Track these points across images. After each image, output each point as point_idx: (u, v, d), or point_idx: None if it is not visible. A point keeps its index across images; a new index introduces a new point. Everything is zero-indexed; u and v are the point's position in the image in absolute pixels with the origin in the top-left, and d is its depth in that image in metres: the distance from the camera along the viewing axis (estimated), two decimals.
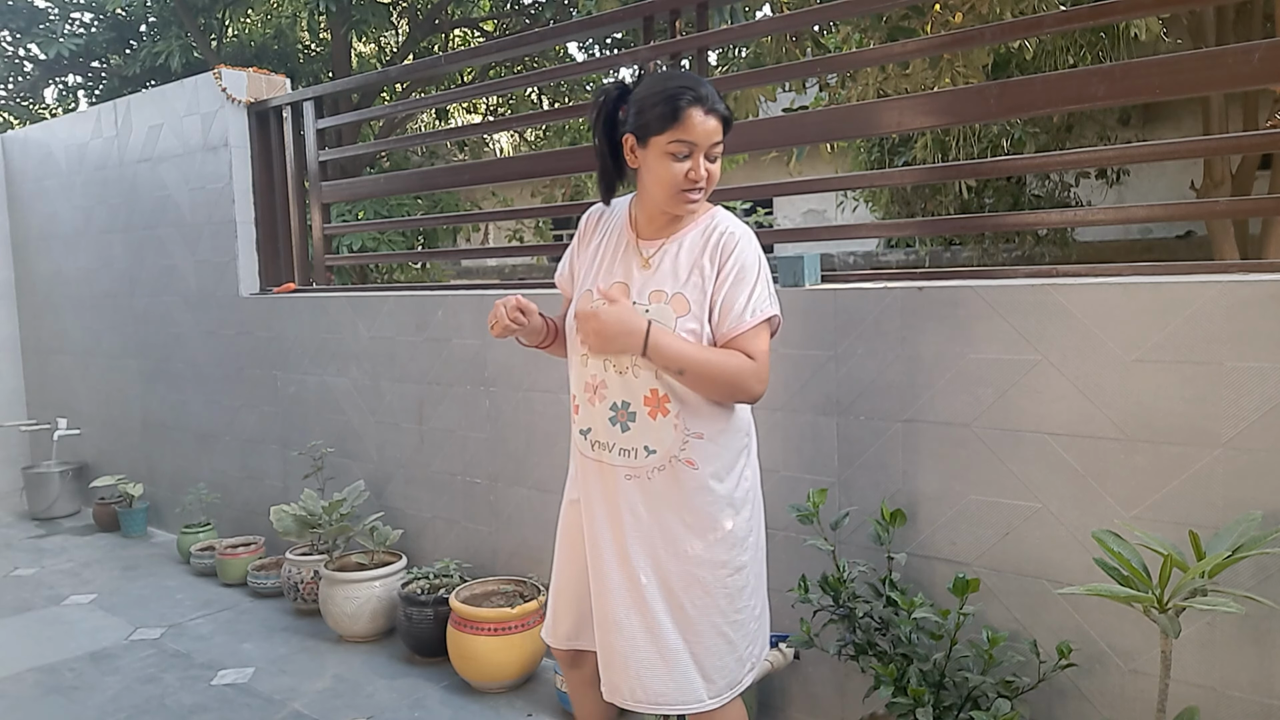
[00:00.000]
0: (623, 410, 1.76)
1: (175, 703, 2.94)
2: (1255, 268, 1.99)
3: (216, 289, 4.50)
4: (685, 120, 1.66)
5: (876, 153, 9.06)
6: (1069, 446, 2.07)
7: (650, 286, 1.76)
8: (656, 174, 1.72)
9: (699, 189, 1.72)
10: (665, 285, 1.75)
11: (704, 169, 1.70)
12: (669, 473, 1.76)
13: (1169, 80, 2.12)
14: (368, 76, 4.39)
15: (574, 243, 1.96)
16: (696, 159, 1.69)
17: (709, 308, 1.75)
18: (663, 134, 1.68)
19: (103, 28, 8.88)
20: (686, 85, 1.69)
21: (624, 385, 1.76)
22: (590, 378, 1.80)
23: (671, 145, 1.68)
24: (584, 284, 1.86)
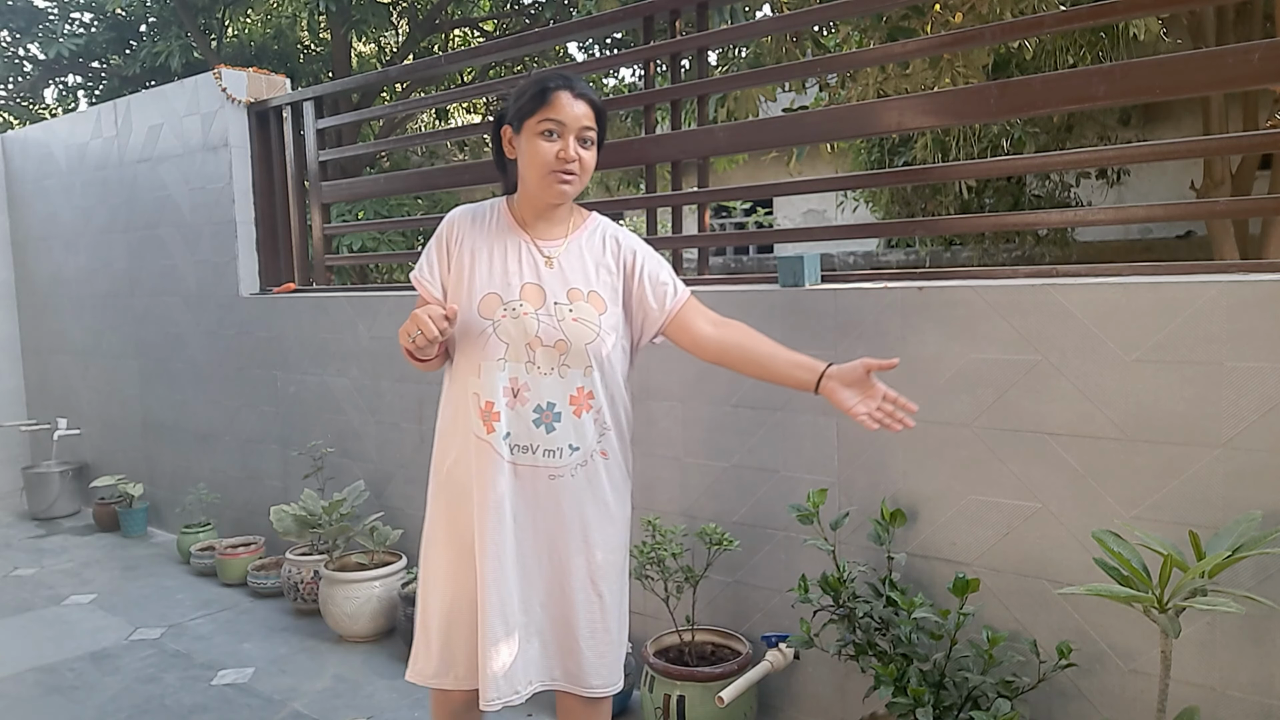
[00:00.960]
0: (548, 411, 1.77)
1: (175, 703, 2.94)
2: (1255, 268, 1.99)
3: (216, 289, 4.50)
4: (553, 101, 1.72)
5: (876, 153, 9.06)
6: (1069, 446, 2.07)
7: (565, 285, 1.79)
8: (529, 155, 1.76)
9: (571, 172, 1.75)
10: (579, 284, 1.80)
11: (575, 151, 1.74)
12: (589, 467, 1.81)
13: (1169, 80, 2.12)
14: (368, 76, 4.38)
15: (439, 247, 1.85)
16: (566, 140, 1.73)
17: (633, 303, 1.86)
18: (533, 116, 1.74)
19: (103, 28, 8.88)
20: (556, 73, 1.79)
21: (551, 386, 1.77)
22: (510, 381, 1.77)
23: (541, 125, 1.73)
24: (480, 286, 1.79)
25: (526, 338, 1.75)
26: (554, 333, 1.76)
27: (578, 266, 1.82)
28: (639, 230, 2.42)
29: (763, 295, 2.59)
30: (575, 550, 1.82)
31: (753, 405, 2.61)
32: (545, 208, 1.83)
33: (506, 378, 1.76)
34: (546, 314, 1.76)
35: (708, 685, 2.43)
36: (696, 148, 2.97)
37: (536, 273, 1.80)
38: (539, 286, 1.78)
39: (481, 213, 1.88)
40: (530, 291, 1.78)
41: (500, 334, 1.76)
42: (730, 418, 2.67)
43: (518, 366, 1.76)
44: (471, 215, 1.87)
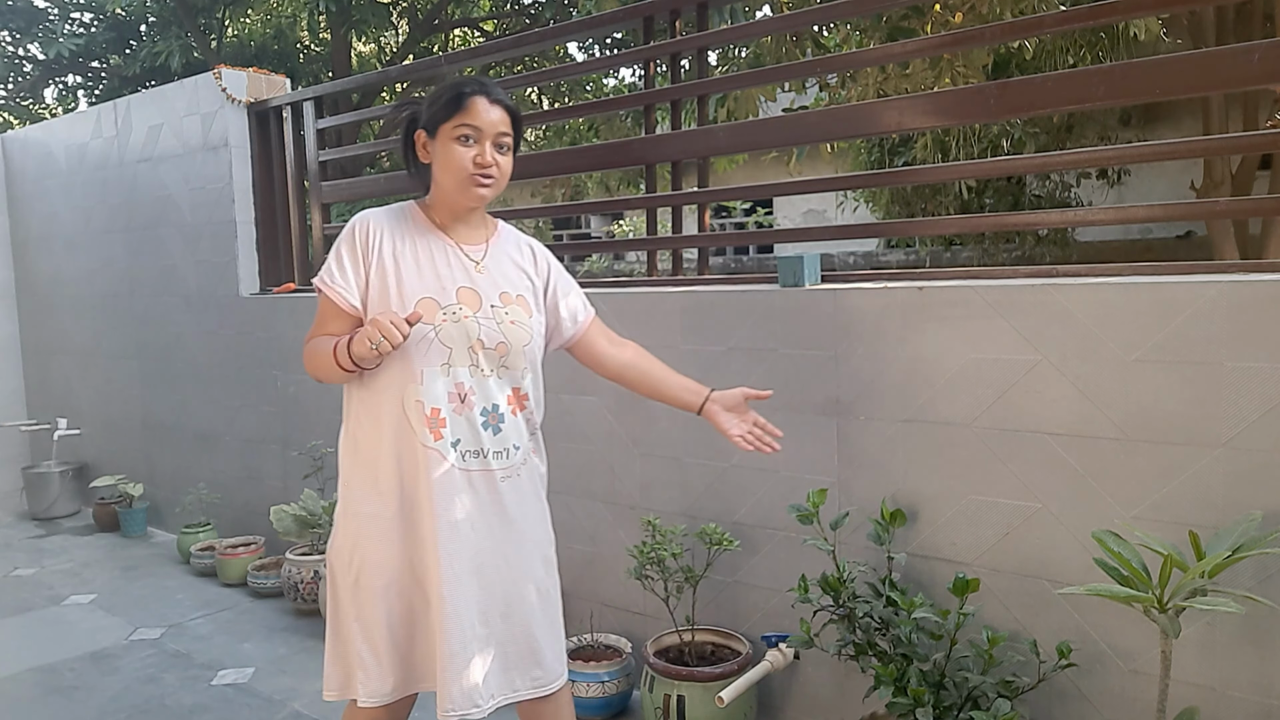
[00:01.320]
0: (493, 413, 1.78)
1: (175, 703, 2.94)
2: (1255, 268, 1.99)
3: (216, 289, 4.50)
4: (470, 106, 1.72)
5: (876, 153, 9.06)
6: (1069, 446, 2.07)
7: (496, 289, 1.80)
8: (445, 160, 1.75)
9: (488, 177, 1.75)
10: (507, 287, 1.82)
11: (491, 156, 1.74)
12: (528, 466, 1.85)
13: (1169, 80, 2.12)
14: (368, 76, 4.39)
15: (352, 253, 1.76)
16: (483, 145, 1.74)
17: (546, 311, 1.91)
18: (449, 121, 1.73)
19: (103, 28, 8.88)
20: (472, 79, 1.77)
21: (495, 388, 1.77)
22: (455, 386, 1.74)
23: (458, 130, 1.72)
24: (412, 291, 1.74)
25: (469, 341, 1.74)
26: (495, 335, 1.76)
27: (502, 271, 1.84)
28: (639, 230, 2.42)
29: (763, 295, 2.59)
30: (529, 551, 1.84)
31: (752, 405, 2.61)
32: (463, 212, 1.82)
33: (452, 383, 1.74)
34: (485, 317, 1.76)
35: (708, 685, 2.43)
36: (696, 148, 2.97)
37: (469, 276, 1.79)
38: (474, 290, 1.78)
39: (395, 216, 1.82)
40: (466, 295, 1.77)
41: (443, 338, 1.73)
42: None
43: (462, 371, 1.74)
44: (385, 219, 1.81)
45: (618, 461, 2.95)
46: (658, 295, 2.84)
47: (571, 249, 8.58)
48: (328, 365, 1.72)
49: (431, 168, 1.80)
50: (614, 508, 2.98)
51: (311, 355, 1.77)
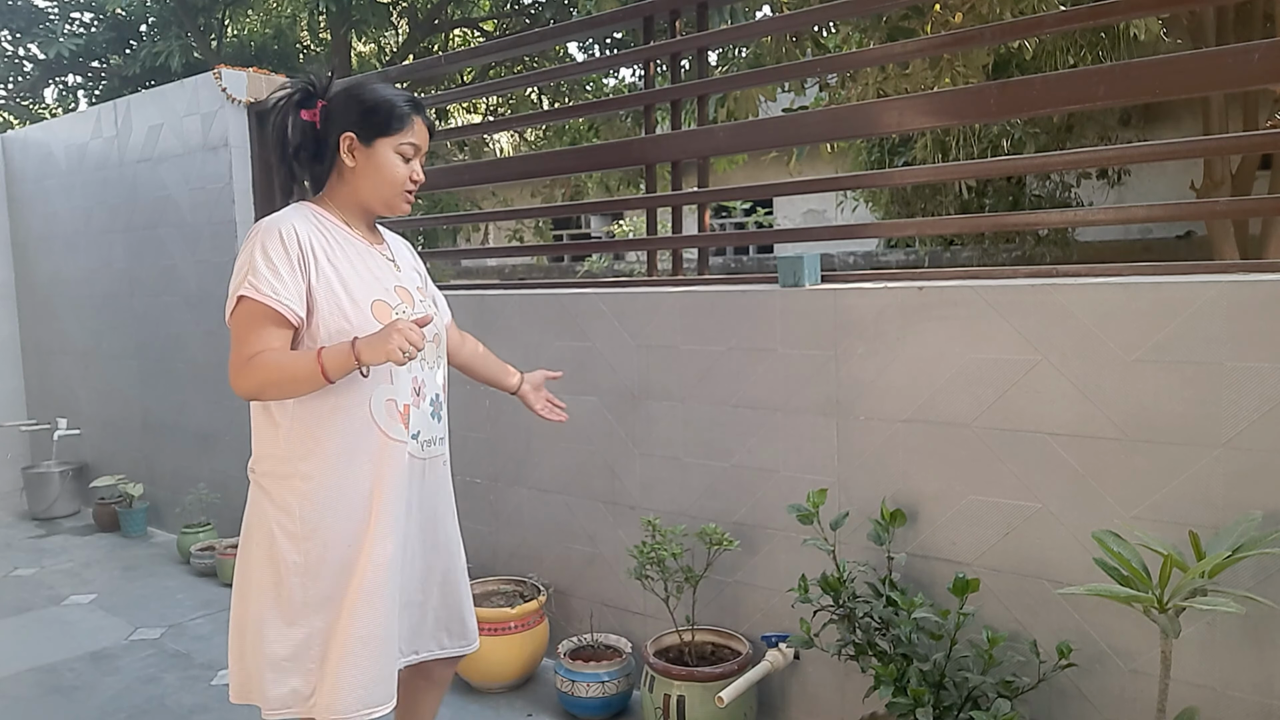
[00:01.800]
0: (437, 402, 1.91)
1: (175, 703, 2.94)
2: (1255, 268, 1.99)
3: (216, 289, 4.49)
4: (413, 125, 1.80)
5: (876, 153, 9.06)
6: (1069, 446, 2.07)
7: (414, 285, 1.91)
8: (380, 172, 1.79)
9: (413, 192, 1.86)
10: (420, 283, 1.97)
11: (420, 172, 1.85)
12: (445, 454, 1.97)
13: (1169, 80, 2.12)
14: (367, 76, 4.38)
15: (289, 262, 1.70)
16: (416, 164, 1.84)
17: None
18: (392, 135, 1.78)
19: (103, 28, 8.89)
20: (409, 97, 1.83)
21: (437, 378, 1.92)
22: (414, 379, 1.82)
23: (402, 146, 1.79)
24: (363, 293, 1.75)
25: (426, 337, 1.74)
26: (433, 329, 1.86)
27: (409, 268, 1.95)
28: (638, 230, 2.43)
29: (763, 295, 2.59)
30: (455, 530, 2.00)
31: (753, 405, 2.62)
32: (372, 217, 1.88)
33: (411, 378, 1.81)
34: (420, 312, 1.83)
35: (708, 685, 2.43)
36: (696, 148, 2.97)
37: (395, 275, 1.86)
38: (405, 288, 1.86)
39: (310, 220, 1.78)
40: (402, 293, 1.84)
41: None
42: (730, 418, 2.67)
43: (417, 365, 1.83)
44: (304, 224, 1.76)
45: (618, 461, 2.95)
46: (658, 295, 2.84)
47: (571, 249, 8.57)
48: (305, 379, 1.65)
49: (345, 171, 1.80)
50: (614, 508, 2.98)
51: (271, 372, 1.65)
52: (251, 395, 1.71)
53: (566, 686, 2.72)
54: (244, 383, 1.68)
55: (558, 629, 3.11)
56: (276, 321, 1.68)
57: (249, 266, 1.69)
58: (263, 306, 1.67)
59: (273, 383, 1.67)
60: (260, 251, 1.69)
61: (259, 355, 1.66)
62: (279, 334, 1.69)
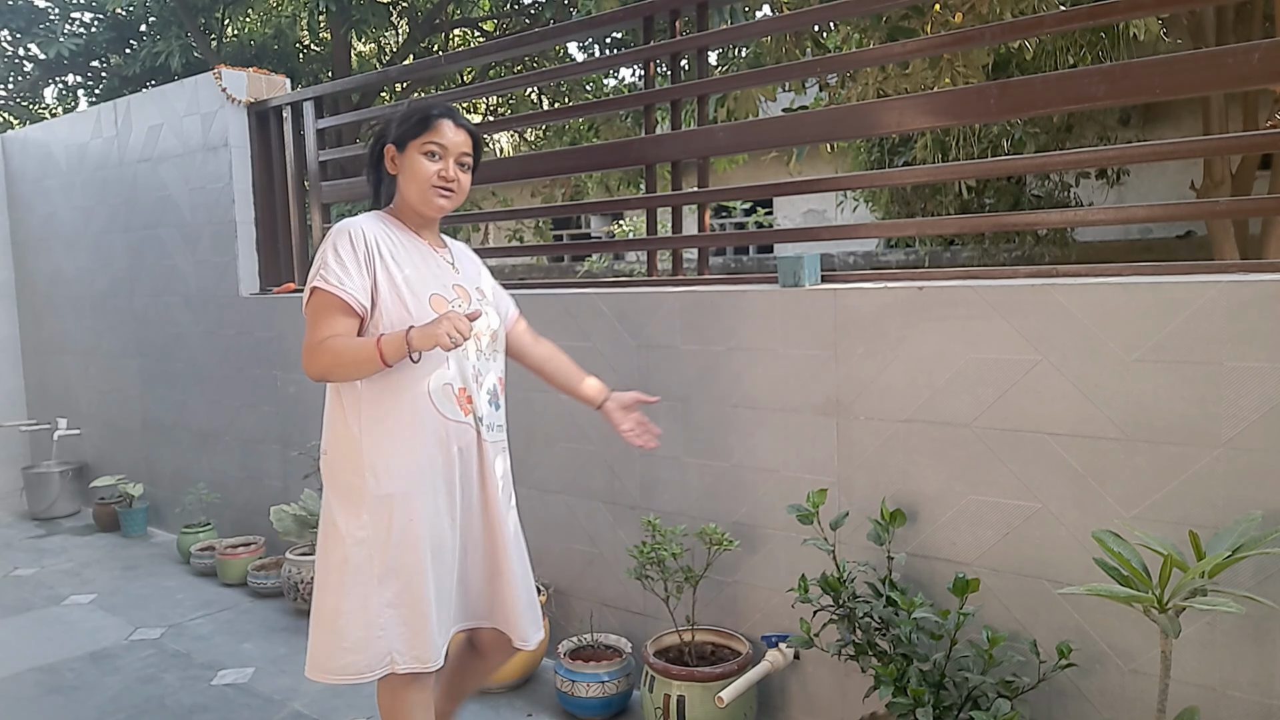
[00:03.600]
0: (494, 393, 2.04)
1: (175, 703, 2.94)
2: (1255, 268, 1.99)
3: (216, 289, 4.50)
4: (437, 127, 1.95)
5: (876, 153, 9.06)
6: (1069, 446, 2.07)
7: (473, 284, 2.07)
8: (412, 171, 1.96)
9: (449, 190, 1.98)
10: (479, 284, 2.10)
11: (454, 172, 1.97)
12: (503, 443, 2.08)
13: (1169, 80, 2.12)
14: (368, 76, 4.38)
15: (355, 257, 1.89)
16: (447, 162, 1.96)
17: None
18: (418, 138, 1.96)
19: (103, 28, 8.88)
20: (438, 104, 2.00)
21: (493, 369, 2.04)
22: (473, 368, 1.98)
23: (426, 146, 1.95)
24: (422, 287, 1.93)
25: (478, 329, 1.98)
26: (486, 323, 2.02)
27: (468, 270, 2.09)
28: (639, 230, 2.43)
29: (763, 295, 2.59)
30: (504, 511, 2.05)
31: (753, 405, 2.62)
32: (427, 220, 2.04)
33: (470, 365, 1.97)
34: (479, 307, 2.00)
35: (708, 685, 2.43)
36: (696, 148, 2.97)
37: (453, 274, 2.03)
38: (462, 286, 2.02)
39: (377, 222, 1.98)
40: (459, 290, 2.00)
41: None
42: (730, 418, 2.67)
43: (474, 354, 1.98)
44: (371, 225, 1.96)
45: (618, 461, 2.95)
46: (658, 295, 2.84)
47: (571, 249, 8.57)
48: (364, 362, 1.83)
49: (397, 179, 2.01)
50: (614, 508, 2.98)
51: (337, 355, 1.83)
52: (320, 376, 1.88)
53: (566, 686, 2.72)
54: (314, 364, 1.86)
55: (558, 629, 3.11)
56: (344, 310, 1.87)
57: (322, 262, 1.89)
58: (332, 297, 1.86)
59: (338, 364, 1.85)
60: (332, 249, 1.89)
61: (327, 340, 1.84)
62: (346, 322, 1.88)
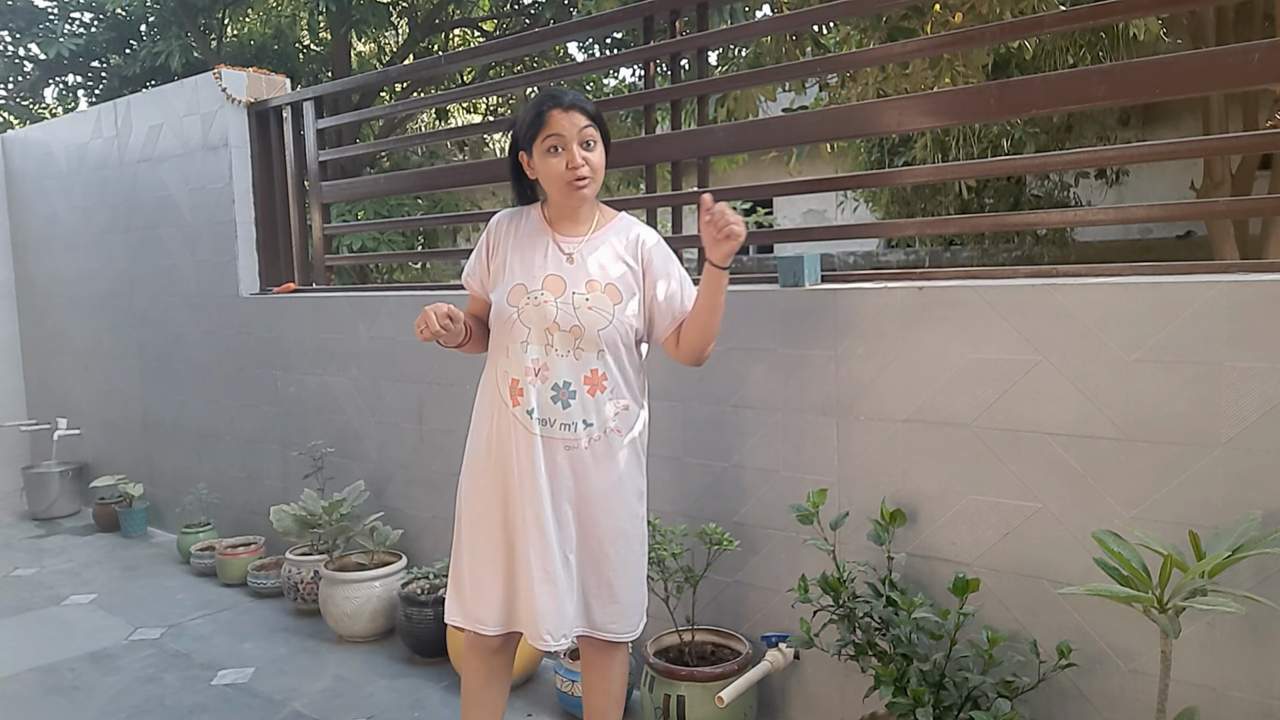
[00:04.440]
0: (564, 389, 1.99)
1: (175, 703, 2.94)
2: (1255, 268, 1.99)
3: (216, 289, 4.50)
4: (548, 120, 1.95)
5: (876, 153, 9.06)
6: (1069, 446, 2.07)
7: (583, 278, 2.01)
8: (544, 173, 1.99)
9: (583, 176, 1.97)
10: (597, 276, 2.02)
11: (580, 157, 1.96)
12: (603, 442, 2.01)
13: (1169, 80, 2.12)
14: (368, 76, 4.38)
15: (483, 247, 2.13)
16: (570, 150, 1.96)
17: (646, 299, 2.06)
18: (536, 138, 1.97)
19: (103, 28, 8.88)
20: (545, 94, 1.99)
21: (567, 367, 1.98)
22: (532, 362, 1.99)
23: (546, 143, 1.96)
24: (510, 279, 2.04)
25: (546, 323, 1.97)
26: (570, 319, 1.97)
27: (597, 263, 2.03)
28: None
29: (763, 295, 2.59)
30: (589, 517, 2.02)
31: (753, 405, 2.62)
32: (570, 210, 2.06)
33: (530, 358, 1.98)
34: (565, 302, 1.98)
35: (708, 685, 2.43)
36: (696, 148, 2.97)
37: (559, 266, 2.02)
38: (560, 278, 2.01)
39: (518, 215, 2.12)
40: (552, 282, 2.01)
41: (524, 319, 1.99)
42: (730, 418, 2.67)
43: (539, 349, 1.98)
44: (510, 219, 2.12)
45: None
46: None
47: None
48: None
49: (538, 180, 2.05)
50: None
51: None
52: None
53: (566, 686, 2.72)
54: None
55: None
56: (470, 293, 2.18)
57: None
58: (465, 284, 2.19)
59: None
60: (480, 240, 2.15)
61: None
62: (472, 302, 2.17)
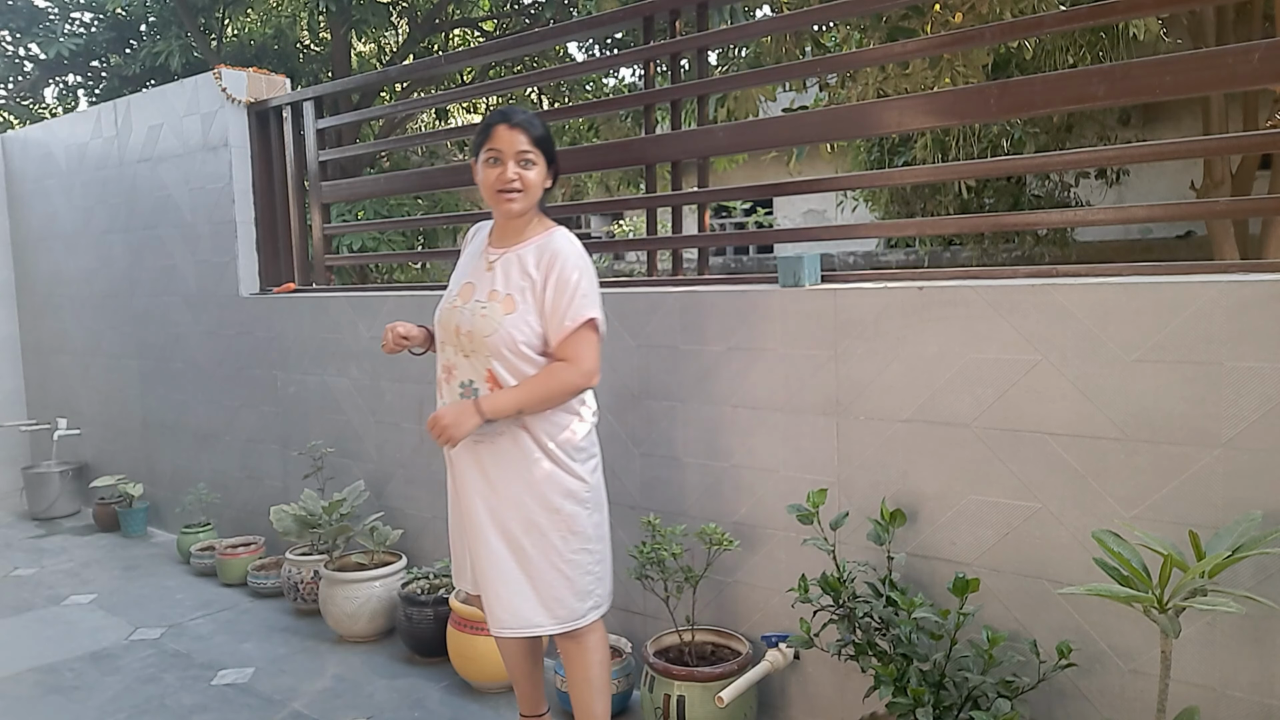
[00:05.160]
0: (468, 388, 2.13)
1: (175, 703, 2.94)
2: (1255, 268, 1.99)
3: (216, 289, 4.50)
4: (493, 134, 2.11)
5: (876, 153, 9.06)
6: (1069, 446, 2.07)
7: (489, 286, 2.15)
8: (481, 180, 2.15)
9: (513, 190, 2.11)
10: (499, 286, 2.14)
11: (513, 172, 2.10)
12: (509, 438, 2.13)
13: (1169, 80, 2.12)
14: (368, 76, 4.38)
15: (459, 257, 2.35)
16: (505, 165, 2.10)
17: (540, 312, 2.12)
18: (479, 149, 2.14)
19: (103, 28, 8.87)
20: (498, 111, 2.14)
21: (469, 367, 2.13)
22: (447, 361, 2.19)
23: (487, 154, 2.13)
24: (449, 286, 2.26)
25: (452, 326, 2.16)
26: (468, 324, 2.13)
27: (505, 273, 2.15)
28: (638, 230, 2.44)
29: (763, 295, 2.59)
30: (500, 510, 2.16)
31: (753, 405, 2.61)
32: (505, 221, 2.20)
33: (445, 358, 2.20)
34: (468, 308, 2.14)
35: (708, 685, 2.43)
36: (696, 148, 2.97)
37: (479, 274, 2.20)
38: (473, 285, 2.19)
39: (484, 227, 2.28)
40: (466, 289, 2.19)
41: (442, 322, 2.20)
42: (730, 418, 2.67)
43: (451, 350, 2.18)
44: (476, 230, 2.31)
45: (618, 461, 2.95)
46: (658, 295, 2.84)
47: None
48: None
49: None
50: (614, 508, 2.97)
51: None
52: None
53: (566, 686, 2.72)
54: None
55: None
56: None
57: None
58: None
59: None
60: None
61: None
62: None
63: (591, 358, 2.11)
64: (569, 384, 2.10)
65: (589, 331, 2.10)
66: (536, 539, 2.15)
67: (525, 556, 2.15)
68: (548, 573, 2.16)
